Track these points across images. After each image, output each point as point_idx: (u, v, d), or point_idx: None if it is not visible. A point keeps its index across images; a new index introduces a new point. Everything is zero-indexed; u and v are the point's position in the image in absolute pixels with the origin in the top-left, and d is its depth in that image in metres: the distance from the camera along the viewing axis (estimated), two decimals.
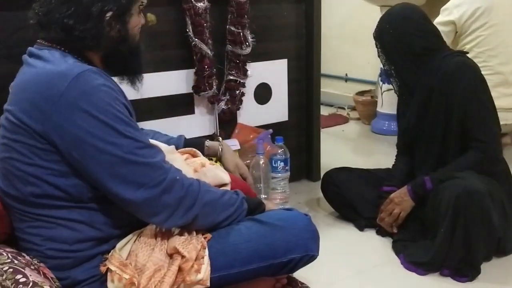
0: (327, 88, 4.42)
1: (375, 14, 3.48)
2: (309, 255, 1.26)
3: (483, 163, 1.75)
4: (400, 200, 1.86)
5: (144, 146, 1.12)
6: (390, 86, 3.33)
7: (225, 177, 1.41)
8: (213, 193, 1.22)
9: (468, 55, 1.91)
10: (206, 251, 1.18)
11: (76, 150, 1.07)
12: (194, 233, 1.21)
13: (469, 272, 1.66)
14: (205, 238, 1.21)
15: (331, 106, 4.23)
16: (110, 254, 1.16)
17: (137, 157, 1.09)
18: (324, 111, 3.98)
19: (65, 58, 1.14)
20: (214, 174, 1.39)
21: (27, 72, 1.14)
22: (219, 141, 1.68)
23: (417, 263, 1.72)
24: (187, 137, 1.99)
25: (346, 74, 4.36)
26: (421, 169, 1.89)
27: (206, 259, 1.17)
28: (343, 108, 4.17)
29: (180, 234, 1.19)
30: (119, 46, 1.21)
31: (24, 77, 1.14)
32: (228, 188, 1.41)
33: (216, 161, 1.83)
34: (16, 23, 1.63)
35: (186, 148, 1.52)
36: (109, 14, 1.15)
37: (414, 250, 1.78)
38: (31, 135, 1.08)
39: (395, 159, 2.09)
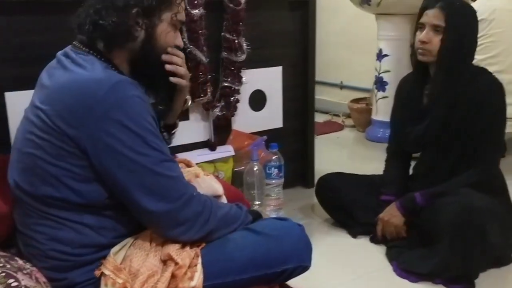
0: (322, 95, 4.44)
1: (371, 23, 3.51)
2: (302, 266, 1.27)
3: (481, 183, 1.75)
4: (390, 218, 1.87)
5: (168, 159, 1.15)
6: (385, 94, 3.39)
7: (219, 188, 1.42)
8: (224, 208, 1.26)
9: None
10: (199, 259, 1.19)
11: (106, 158, 1.09)
12: None
13: (463, 281, 1.66)
14: (198, 246, 1.22)
15: (326, 113, 4.24)
16: (105, 258, 1.17)
17: (162, 170, 1.12)
18: (319, 118, 3.99)
19: (101, 65, 1.16)
20: (209, 185, 1.40)
21: (63, 76, 1.15)
22: None
23: (410, 272, 1.72)
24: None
25: (341, 82, 4.38)
26: (432, 176, 1.88)
27: (199, 267, 1.17)
28: (338, 116, 4.18)
29: (174, 241, 1.19)
30: (144, 51, 1.22)
31: (60, 80, 1.15)
32: (223, 199, 1.43)
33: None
34: (18, 27, 1.66)
35: (181, 158, 1.53)
36: (134, 10, 1.17)
37: (407, 258, 1.78)
38: (61, 138, 1.09)
39: (387, 164, 2.09)
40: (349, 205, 2.04)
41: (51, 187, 1.12)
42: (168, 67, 1.29)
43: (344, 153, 3.40)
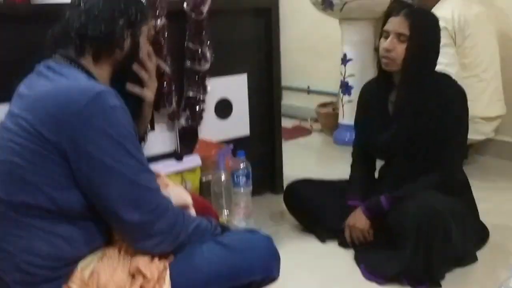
0: (290, 100, 4.46)
1: (335, 27, 3.55)
2: (269, 277, 1.30)
3: (445, 185, 1.79)
4: (355, 222, 1.89)
5: (147, 170, 1.18)
6: (351, 98, 3.43)
7: (188, 199, 1.43)
8: (195, 221, 1.27)
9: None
10: (168, 271, 1.19)
11: (86, 164, 1.11)
12: None
13: (428, 282, 1.67)
14: (166, 258, 1.22)
15: (295, 118, 4.27)
16: (73, 273, 1.16)
17: (140, 180, 1.14)
18: (288, 123, 4.01)
19: (83, 76, 1.21)
20: (178, 194, 1.41)
21: (46, 85, 1.17)
22: None
23: (377, 274, 1.74)
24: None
25: (308, 87, 4.41)
26: (399, 180, 1.88)
27: (167, 280, 1.18)
28: (306, 120, 4.21)
29: (143, 254, 1.19)
30: (129, 61, 1.32)
31: (43, 89, 1.16)
32: (191, 209, 1.43)
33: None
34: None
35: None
36: (120, 20, 1.25)
37: (376, 261, 1.80)
38: (42, 145, 1.10)
39: (352, 169, 2.11)
40: (317, 211, 2.05)
41: (28, 195, 1.12)
42: (134, 67, 1.36)
43: (312, 158, 3.42)
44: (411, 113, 1.82)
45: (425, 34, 1.78)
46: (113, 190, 1.12)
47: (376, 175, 2.12)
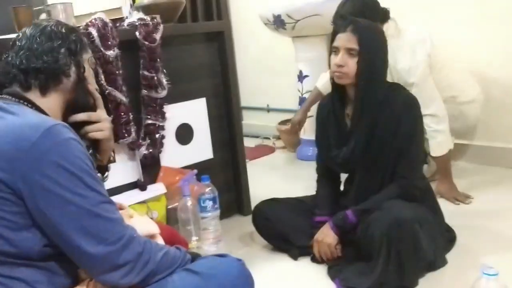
0: (251, 120, 4.48)
1: (289, 45, 3.60)
2: None
3: (406, 194, 1.81)
4: (323, 237, 1.89)
5: (107, 201, 1.14)
6: (310, 113, 3.42)
7: (154, 228, 1.41)
8: (162, 250, 1.24)
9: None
10: None
11: (43, 200, 1.07)
12: None
13: None
14: None
15: (257, 137, 4.28)
16: None
17: (101, 211, 1.11)
18: (250, 143, 4.02)
19: (33, 112, 1.18)
20: (143, 224, 1.38)
21: None
22: None
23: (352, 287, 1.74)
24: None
25: (268, 105, 4.44)
26: (363, 192, 1.89)
27: None
28: (269, 138, 4.22)
29: None
30: (77, 90, 1.28)
31: None
32: (159, 238, 1.41)
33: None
34: None
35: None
36: (62, 50, 1.25)
37: (349, 274, 1.80)
38: None
39: (318, 185, 2.12)
40: (286, 231, 2.04)
41: None
42: (78, 117, 1.33)
43: (277, 176, 3.42)
44: (367, 126, 1.83)
45: (374, 46, 1.81)
46: (74, 224, 1.08)
47: (342, 187, 2.14)
